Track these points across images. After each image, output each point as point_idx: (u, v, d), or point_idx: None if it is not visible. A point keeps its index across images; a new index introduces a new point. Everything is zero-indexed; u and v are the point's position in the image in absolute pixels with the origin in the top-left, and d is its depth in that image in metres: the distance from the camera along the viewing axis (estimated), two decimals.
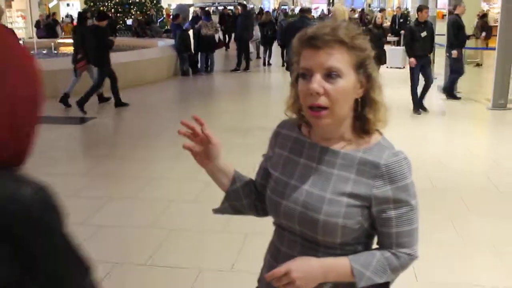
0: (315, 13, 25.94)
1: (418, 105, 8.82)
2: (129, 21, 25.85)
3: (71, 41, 18.30)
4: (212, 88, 12.96)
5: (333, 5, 50.16)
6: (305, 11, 8.46)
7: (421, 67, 8.75)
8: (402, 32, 16.64)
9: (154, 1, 28.31)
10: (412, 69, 8.80)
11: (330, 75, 1.31)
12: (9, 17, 31.21)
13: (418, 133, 7.74)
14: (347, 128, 1.41)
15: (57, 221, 0.93)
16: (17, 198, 0.87)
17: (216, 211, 1.64)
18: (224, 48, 18.32)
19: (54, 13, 32.95)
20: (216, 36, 14.28)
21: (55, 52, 15.59)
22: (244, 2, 42.64)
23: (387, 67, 13.52)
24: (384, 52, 10.65)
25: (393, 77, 11.92)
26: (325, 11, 22.64)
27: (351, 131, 1.42)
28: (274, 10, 37.73)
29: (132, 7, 27.26)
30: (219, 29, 14.51)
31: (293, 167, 1.47)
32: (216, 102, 10.80)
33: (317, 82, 1.31)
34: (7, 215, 0.86)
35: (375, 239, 1.48)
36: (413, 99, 8.86)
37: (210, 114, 9.04)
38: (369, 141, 1.40)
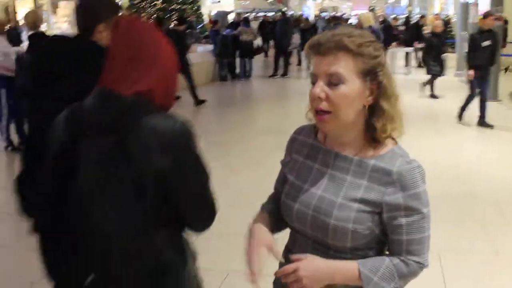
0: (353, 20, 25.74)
1: (461, 114, 8.35)
2: (170, 27, 26.25)
3: None
4: (250, 93, 13.08)
5: (374, 11, 49.83)
6: (337, 18, 8.47)
7: (479, 79, 8.01)
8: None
9: (195, 8, 28.71)
10: (470, 82, 8.14)
11: (332, 81, 1.35)
12: (55, 22, 32.10)
13: (456, 141, 7.62)
14: (359, 135, 1.43)
15: (195, 143, 1.49)
16: (174, 128, 1.46)
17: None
18: (263, 54, 18.43)
19: None
20: (255, 42, 14.37)
21: None
22: (285, 9, 42.82)
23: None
24: (441, 61, 10.39)
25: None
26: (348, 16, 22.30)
27: (363, 138, 1.43)
28: (316, 16, 37.66)
29: (173, 13, 27.70)
30: (258, 35, 14.58)
31: (308, 172, 1.50)
32: (254, 106, 11.00)
33: (320, 87, 1.36)
34: (169, 138, 1.44)
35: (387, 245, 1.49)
36: (462, 108, 8.33)
37: (249, 117, 9.20)
38: (383, 148, 1.42)
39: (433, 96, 10.69)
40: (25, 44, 6.96)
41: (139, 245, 1.49)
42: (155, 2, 27.45)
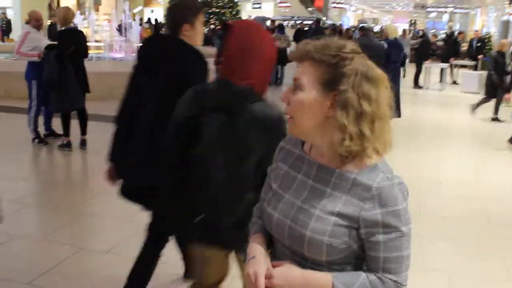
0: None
1: None
2: (205, 30, 26.50)
3: None
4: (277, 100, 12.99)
5: (415, 25, 49.42)
6: (365, 29, 8.46)
7: None
8: (480, 57, 16.14)
9: (234, 12, 28.90)
10: None
11: (293, 86, 1.38)
12: (96, 20, 32.68)
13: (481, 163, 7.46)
14: (329, 147, 1.39)
15: (285, 128, 1.65)
16: (273, 114, 1.98)
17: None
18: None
19: (141, 19, 34.26)
20: (288, 50, 14.35)
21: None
22: (324, 19, 42.72)
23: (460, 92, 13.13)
24: (502, 82, 9.97)
25: (468, 102, 11.51)
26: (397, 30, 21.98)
27: (333, 151, 1.39)
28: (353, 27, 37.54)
29: (211, 16, 27.94)
30: (292, 42, 14.55)
31: (291, 181, 1.49)
32: None
33: (286, 92, 1.40)
34: (268, 122, 1.94)
35: None
36: None
37: None
38: (366, 162, 1.37)
39: (496, 119, 10.32)
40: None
41: (235, 200, 1.98)
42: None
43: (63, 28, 6.91)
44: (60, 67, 6.58)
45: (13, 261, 3.94)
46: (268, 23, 15.89)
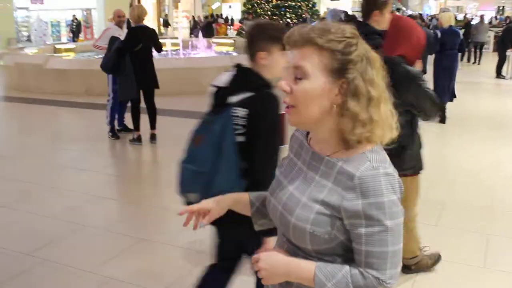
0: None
1: None
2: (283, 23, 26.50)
3: (225, 40, 19.35)
4: None
5: (503, 13, 46.98)
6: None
7: None
8: None
9: (310, 5, 28.65)
10: None
11: (296, 75, 1.32)
12: (175, 17, 33.55)
13: None
14: (331, 134, 1.36)
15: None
16: (417, 71, 3.15)
17: (257, 229, 1.69)
18: None
19: (217, 15, 34.81)
20: None
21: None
22: (403, 8, 41.50)
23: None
24: None
25: None
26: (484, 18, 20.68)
27: (335, 138, 1.36)
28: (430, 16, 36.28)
29: (287, 10, 27.86)
30: None
31: (291, 168, 1.49)
32: None
33: (286, 80, 1.34)
34: (417, 77, 3.06)
35: None
36: None
37: None
38: (356, 150, 1.33)
39: None
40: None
41: None
42: None
43: (134, 26, 7.16)
44: (118, 59, 6.93)
45: (80, 250, 4.15)
46: (343, 16, 15.60)
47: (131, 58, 6.92)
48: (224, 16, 37.54)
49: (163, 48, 8.21)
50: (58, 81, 11.87)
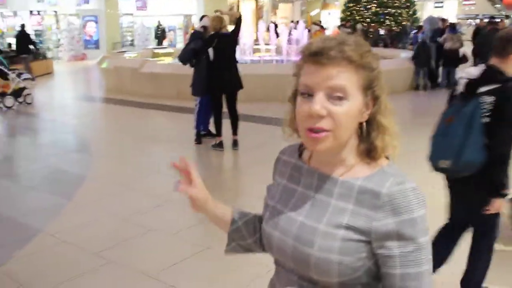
0: None
1: None
2: (382, 31, 25.90)
3: None
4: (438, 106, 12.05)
5: None
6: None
7: None
8: None
9: (410, 12, 27.84)
10: None
11: (335, 95, 1.16)
12: (272, 23, 33.78)
13: None
14: (351, 153, 1.25)
15: None
16: None
17: (226, 251, 1.54)
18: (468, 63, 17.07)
19: (314, 22, 34.70)
20: (461, 50, 13.39)
21: None
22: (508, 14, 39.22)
23: None
24: None
25: None
26: None
27: (356, 156, 1.26)
28: None
29: (387, 17, 27.23)
30: (464, 43, 13.51)
31: (290, 195, 1.32)
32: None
33: (320, 103, 1.15)
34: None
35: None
36: None
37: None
38: (373, 167, 1.24)
39: None
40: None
41: None
42: (370, 5, 27.32)
43: (212, 33, 7.27)
44: (191, 58, 7.40)
45: (145, 253, 4.19)
46: (440, 23, 14.93)
47: (213, 63, 7.05)
48: (323, 23, 37.40)
49: (258, 55, 8.38)
50: (152, 84, 12.28)
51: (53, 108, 12.13)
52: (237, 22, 7.31)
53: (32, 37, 18.65)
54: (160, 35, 27.05)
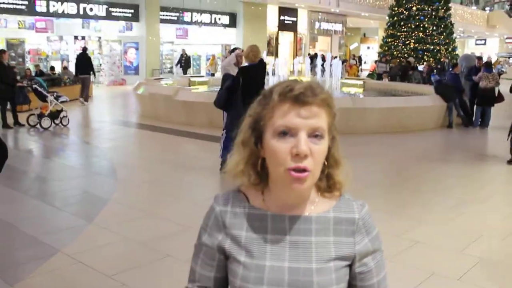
0: None
1: None
2: (420, 67, 25.79)
3: (354, 81, 19.22)
4: (469, 146, 11.57)
5: None
6: None
7: None
8: None
9: (450, 49, 27.67)
10: None
11: (315, 135, 1.22)
12: (309, 54, 34.02)
13: None
14: (313, 190, 1.32)
15: None
16: None
17: None
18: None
19: (354, 55, 34.83)
20: (496, 89, 13.24)
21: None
22: None
23: None
24: None
25: None
26: None
27: (316, 192, 1.32)
28: None
29: (426, 54, 27.13)
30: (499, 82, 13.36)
31: (261, 246, 1.30)
32: (458, 164, 9.94)
33: (306, 142, 1.20)
34: None
35: None
36: None
37: (444, 179, 8.42)
38: (333, 198, 1.34)
39: None
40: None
41: None
42: (409, 41, 27.27)
43: (244, 65, 7.41)
44: (228, 96, 7.34)
45: (160, 278, 4.25)
46: (476, 62, 14.80)
47: (243, 94, 7.13)
48: (362, 58, 37.49)
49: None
50: (185, 112, 12.51)
51: (87, 131, 12.47)
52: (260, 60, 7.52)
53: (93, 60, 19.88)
54: (185, 64, 26.20)
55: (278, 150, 1.21)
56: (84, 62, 17.64)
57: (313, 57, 26.93)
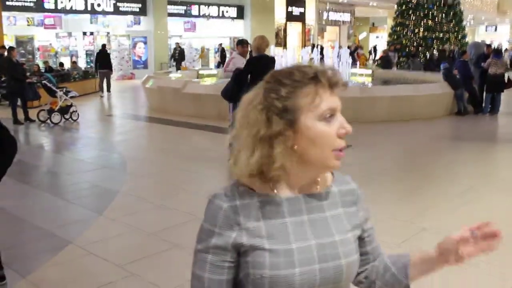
0: None
1: None
2: (428, 55, 25.65)
3: (363, 71, 19.16)
4: (478, 132, 11.59)
5: None
6: None
7: None
8: None
9: (459, 37, 27.44)
10: None
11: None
12: (319, 45, 33.95)
13: None
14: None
15: None
16: None
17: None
18: None
19: (360, 46, 34.65)
20: (506, 75, 13.15)
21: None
22: None
23: None
24: None
25: None
26: None
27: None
28: None
29: (435, 42, 26.93)
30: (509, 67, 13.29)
31: (283, 231, 1.29)
32: (474, 149, 9.93)
33: (345, 121, 1.27)
34: None
35: None
36: None
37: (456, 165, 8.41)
38: (328, 174, 1.39)
39: None
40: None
41: None
42: (418, 29, 27.10)
43: (254, 55, 7.43)
44: (233, 85, 7.39)
45: (168, 268, 4.31)
46: (485, 49, 14.71)
47: (251, 85, 7.15)
48: (370, 47, 37.35)
49: None
50: (193, 105, 12.56)
51: (97, 125, 12.58)
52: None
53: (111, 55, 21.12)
54: (179, 57, 25.35)
55: (327, 133, 1.24)
56: (104, 58, 18.96)
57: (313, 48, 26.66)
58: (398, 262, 1.42)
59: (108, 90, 18.87)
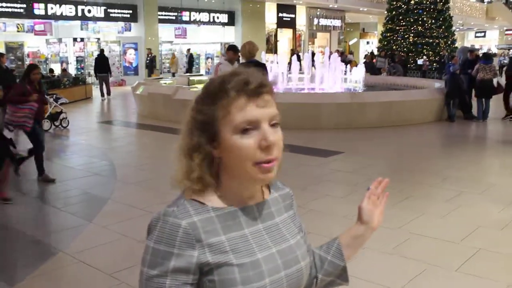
0: None
1: None
2: (420, 61, 25.80)
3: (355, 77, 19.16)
4: (469, 136, 11.84)
5: None
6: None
7: None
8: None
9: (449, 42, 27.60)
10: None
11: (273, 123, 1.20)
12: (308, 52, 34.04)
13: None
14: None
15: None
16: None
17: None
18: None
19: (351, 51, 34.80)
20: (495, 81, 13.24)
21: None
22: None
23: None
24: None
25: None
26: None
27: None
28: None
29: (425, 47, 27.08)
30: (498, 73, 13.39)
31: (246, 243, 1.25)
32: (470, 153, 9.99)
33: (271, 133, 1.17)
34: None
35: None
36: None
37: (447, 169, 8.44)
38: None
39: None
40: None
41: None
42: (408, 35, 27.24)
43: (244, 61, 7.43)
44: None
45: None
46: (469, 54, 14.82)
47: None
48: (366, 52, 37.38)
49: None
50: (184, 111, 12.49)
51: (87, 132, 12.51)
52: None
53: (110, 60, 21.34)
54: (149, 64, 25.01)
55: (245, 147, 1.17)
56: (103, 62, 19.42)
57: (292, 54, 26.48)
58: (330, 248, 1.48)
59: (108, 93, 19.14)
